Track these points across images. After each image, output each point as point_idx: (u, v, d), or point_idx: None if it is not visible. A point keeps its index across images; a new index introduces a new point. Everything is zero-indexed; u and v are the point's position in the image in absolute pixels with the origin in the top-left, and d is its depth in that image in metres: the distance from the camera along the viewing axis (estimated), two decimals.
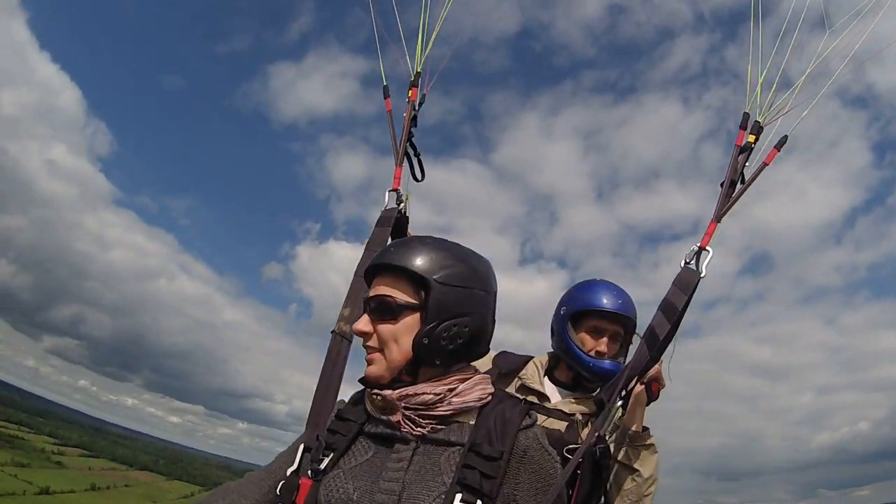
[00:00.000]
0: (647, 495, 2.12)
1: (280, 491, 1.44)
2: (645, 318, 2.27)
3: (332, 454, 1.38)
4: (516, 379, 2.49)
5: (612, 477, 2.13)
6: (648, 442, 2.15)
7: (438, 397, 1.34)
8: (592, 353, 2.38)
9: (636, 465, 2.11)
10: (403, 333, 1.36)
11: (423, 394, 1.34)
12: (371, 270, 1.45)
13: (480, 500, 1.23)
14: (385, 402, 1.36)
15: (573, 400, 2.40)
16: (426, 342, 1.34)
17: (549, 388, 2.48)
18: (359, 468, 1.33)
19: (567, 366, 2.48)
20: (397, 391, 1.35)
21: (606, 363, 2.36)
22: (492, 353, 2.40)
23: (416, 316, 1.36)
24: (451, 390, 1.35)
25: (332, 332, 2.09)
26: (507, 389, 2.36)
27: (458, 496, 1.23)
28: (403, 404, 1.34)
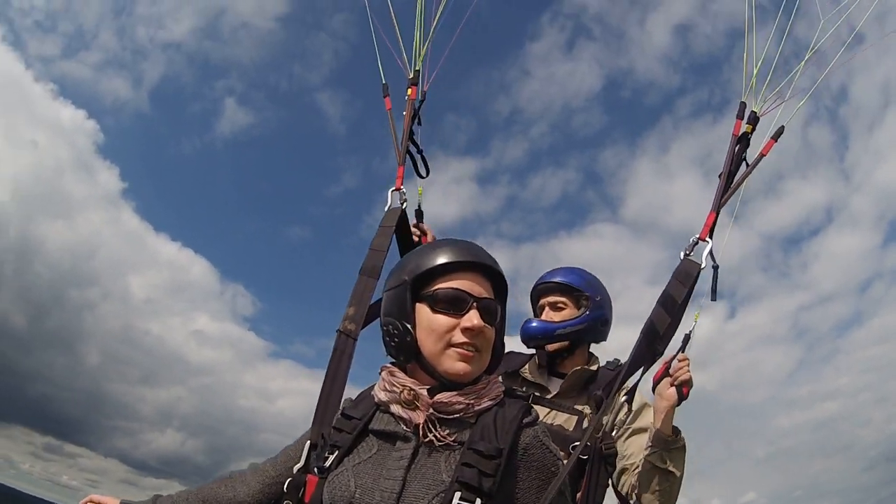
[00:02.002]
0: (677, 492, 2.15)
1: (287, 488, 1.46)
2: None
3: (336, 451, 1.38)
4: (519, 376, 2.58)
5: (643, 478, 2.14)
6: (682, 443, 2.16)
7: (468, 406, 1.35)
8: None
9: (672, 468, 2.12)
10: (493, 341, 1.42)
11: (458, 402, 1.34)
12: (459, 264, 1.40)
13: (479, 498, 1.22)
14: (417, 400, 1.35)
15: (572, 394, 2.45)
16: (499, 356, 1.45)
17: (551, 382, 2.54)
18: (362, 465, 1.34)
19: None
20: (439, 396, 1.35)
21: (531, 323, 2.59)
22: None
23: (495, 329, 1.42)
24: (477, 398, 1.36)
25: (337, 331, 2.08)
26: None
27: (457, 494, 1.22)
28: (433, 410, 1.34)
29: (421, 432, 1.32)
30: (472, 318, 1.34)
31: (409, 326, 1.36)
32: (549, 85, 57.05)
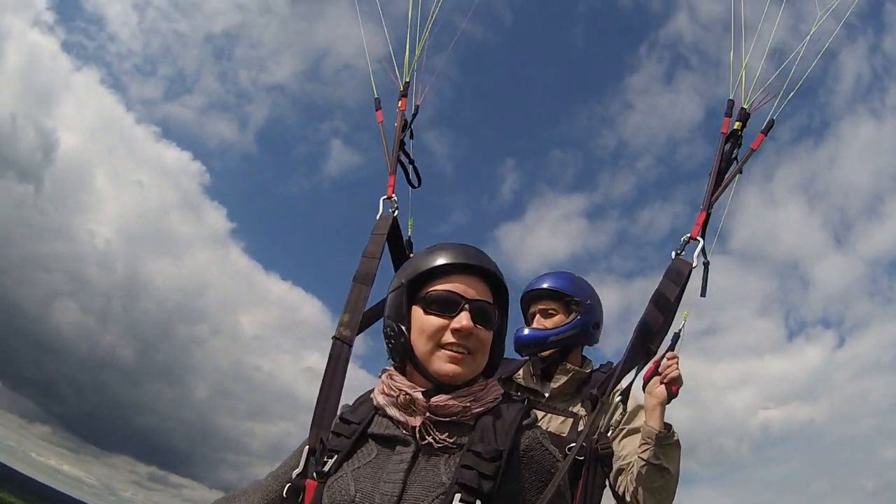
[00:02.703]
0: (674, 489, 2.17)
1: (286, 493, 1.46)
2: None
3: (335, 456, 1.39)
4: (513, 381, 2.59)
5: (636, 476, 2.15)
6: (675, 439, 2.18)
7: (466, 409, 1.35)
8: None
9: (666, 464, 2.13)
10: (489, 344, 1.43)
11: (455, 405, 1.35)
12: (453, 266, 1.42)
13: (479, 500, 1.22)
14: (413, 403, 1.36)
15: (566, 396, 2.46)
16: (497, 360, 1.47)
17: (544, 386, 2.54)
18: (362, 469, 1.34)
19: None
20: (435, 399, 1.35)
21: (523, 332, 2.59)
22: None
23: (493, 332, 1.44)
24: (475, 399, 1.37)
25: (332, 338, 2.09)
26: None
27: (457, 497, 1.22)
28: (429, 413, 1.35)
29: (418, 435, 1.33)
30: (462, 319, 1.36)
31: (403, 328, 1.40)
32: (652, 117, 56.48)
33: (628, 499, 2.19)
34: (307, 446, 1.55)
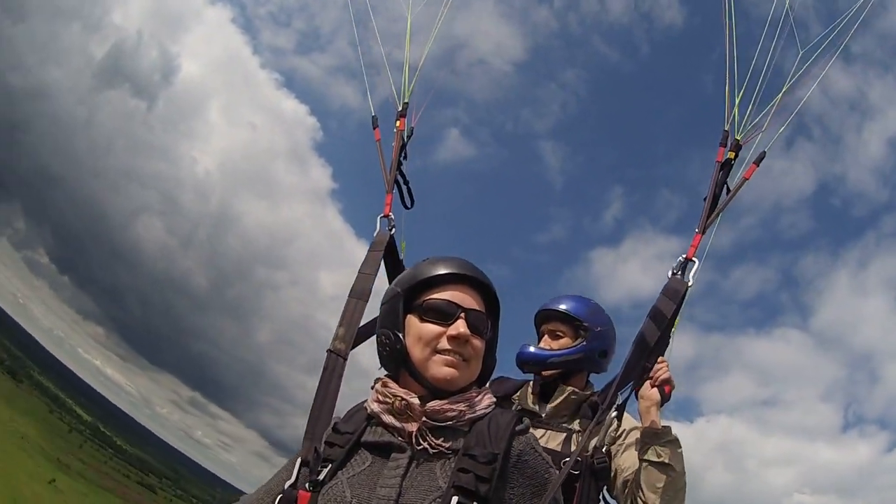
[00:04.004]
0: (681, 489, 2.16)
1: (279, 503, 1.45)
2: None
3: (329, 465, 1.39)
4: (510, 401, 2.60)
5: (641, 478, 2.16)
6: (674, 437, 2.20)
7: (461, 413, 1.38)
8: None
9: (668, 461, 2.14)
10: (481, 353, 1.46)
11: (450, 410, 1.37)
12: (448, 276, 1.46)
13: (476, 502, 1.24)
14: (409, 409, 1.38)
15: (564, 415, 2.47)
16: (488, 370, 1.51)
17: (542, 408, 2.54)
18: (356, 478, 1.34)
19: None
20: (431, 405, 1.38)
21: (527, 349, 2.61)
22: None
23: (485, 341, 1.47)
24: (469, 406, 1.39)
25: (327, 351, 2.13)
26: None
27: (455, 499, 1.23)
28: (426, 417, 1.37)
29: (414, 441, 1.35)
30: (459, 326, 1.39)
31: (399, 335, 1.43)
32: (763, 178, 56.23)
33: (631, 500, 2.18)
34: (299, 458, 1.54)
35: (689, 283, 2.18)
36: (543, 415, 2.50)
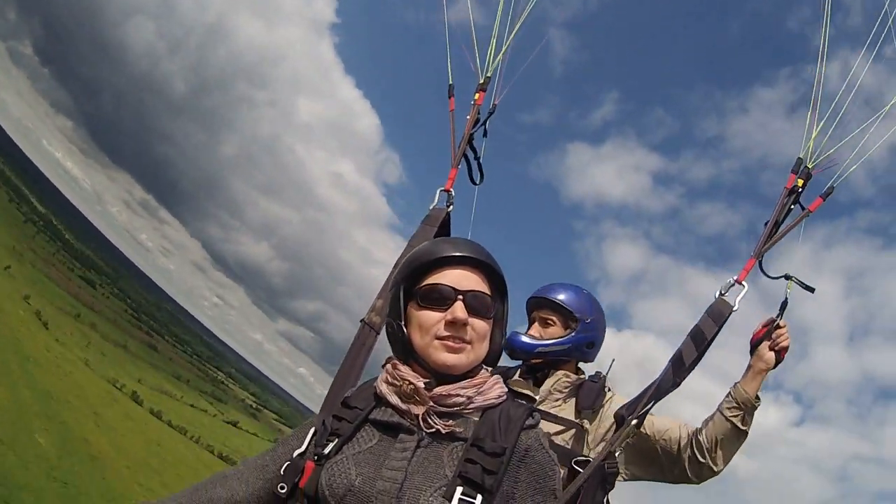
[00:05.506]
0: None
1: (284, 471, 1.44)
2: None
3: (336, 439, 1.40)
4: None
5: (717, 436, 2.37)
6: (758, 406, 2.39)
7: (469, 399, 1.38)
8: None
9: (747, 429, 2.37)
10: (488, 333, 1.44)
11: (458, 395, 1.38)
12: (445, 259, 1.44)
13: (481, 494, 1.25)
14: (416, 393, 1.38)
15: (557, 398, 2.60)
16: (498, 348, 1.48)
17: (535, 391, 2.63)
18: (362, 455, 1.35)
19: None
20: (437, 389, 1.38)
21: (518, 337, 2.67)
22: None
23: (491, 320, 1.45)
24: (479, 392, 1.40)
25: (361, 321, 2.12)
26: None
27: (459, 489, 1.24)
28: (433, 402, 1.37)
29: (421, 423, 1.36)
30: (456, 310, 1.37)
31: (401, 325, 1.43)
32: (760, 132, 54.56)
33: (699, 456, 2.39)
34: (313, 427, 1.53)
35: (735, 308, 2.23)
36: (536, 397, 2.59)
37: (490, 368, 1.49)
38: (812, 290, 2.42)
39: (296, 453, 1.47)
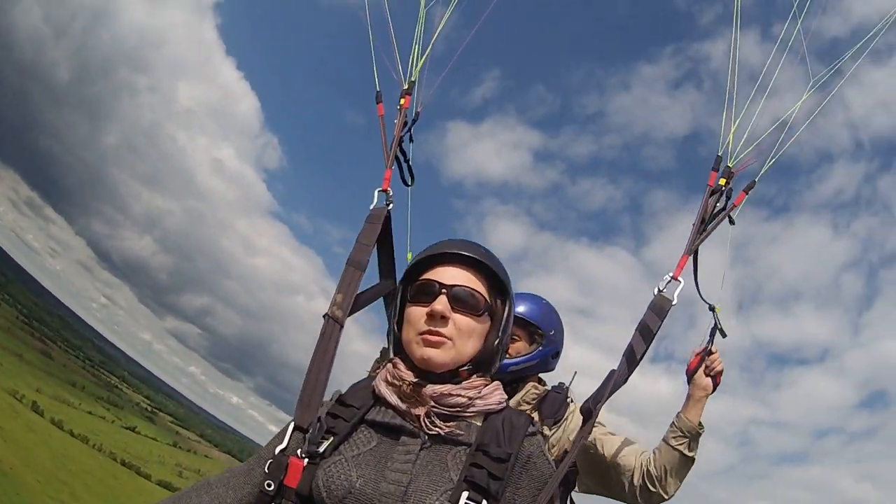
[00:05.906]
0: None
1: (269, 468, 1.40)
2: None
3: (332, 438, 1.36)
4: None
5: (666, 466, 2.38)
6: (702, 432, 2.42)
7: (470, 401, 1.38)
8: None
9: (694, 455, 2.38)
10: (479, 332, 1.43)
11: (458, 396, 1.37)
12: (437, 257, 1.46)
13: (486, 499, 1.25)
14: (416, 394, 1.37)
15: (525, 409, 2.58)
16: (495, 349, 1.47)
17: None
18: (362, 457, 1.32)
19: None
20: (438, 388, 1.36)
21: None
22: None
23: (489, 320, 1.45)
24: (479, 395, 1.39)
25: (324, 316, 2.08)
26: None
27: (465, 494, 1.24)
28: (433, 402, 1.36)
29: (423, 424, 1.34)
30: (437, 304, 1.38)
31: (394, 322, 1.48)
32: (641, 108, 57.35)
33: (650, 485, 2.38)
34: (292, 423, 1.50)
35: (674, 303, 2.26)
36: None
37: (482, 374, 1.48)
38: (724, 335, 2.52)
39: (278, 449, 1.43)
